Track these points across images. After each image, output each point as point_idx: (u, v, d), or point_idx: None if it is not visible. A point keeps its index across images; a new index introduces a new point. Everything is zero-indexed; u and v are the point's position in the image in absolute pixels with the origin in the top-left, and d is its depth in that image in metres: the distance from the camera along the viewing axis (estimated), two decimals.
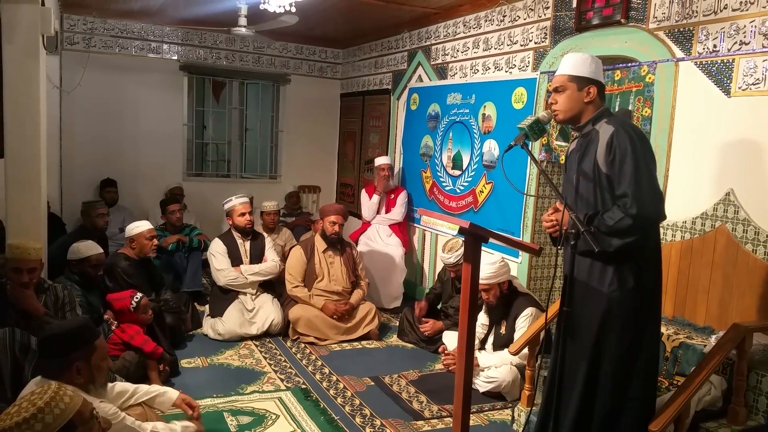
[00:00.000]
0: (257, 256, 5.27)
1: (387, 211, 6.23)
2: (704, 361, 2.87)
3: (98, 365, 2.36)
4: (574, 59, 2.70)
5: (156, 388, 2.84)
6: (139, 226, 4.71)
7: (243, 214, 5.20)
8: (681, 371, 3.26)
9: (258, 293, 5.14)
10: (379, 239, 6.12)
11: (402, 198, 6.25)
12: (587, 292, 2.63)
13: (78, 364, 2.28)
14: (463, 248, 4.65)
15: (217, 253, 5.12)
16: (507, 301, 4.09)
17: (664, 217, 2.64)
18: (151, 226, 4.80)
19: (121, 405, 2.61)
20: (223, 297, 5.04)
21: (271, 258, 5.29)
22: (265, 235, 5.57)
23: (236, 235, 5.26)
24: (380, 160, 6.31)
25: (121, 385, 2.73)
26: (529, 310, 3.99)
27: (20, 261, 3.39)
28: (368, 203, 6.24)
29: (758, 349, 3.06)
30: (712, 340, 3.11)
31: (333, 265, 5.18)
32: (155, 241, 4.74)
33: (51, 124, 5.72)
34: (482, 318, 4.21)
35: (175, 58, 7.39)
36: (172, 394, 2.86)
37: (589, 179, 2.64)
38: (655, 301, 2.68)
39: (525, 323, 3.94)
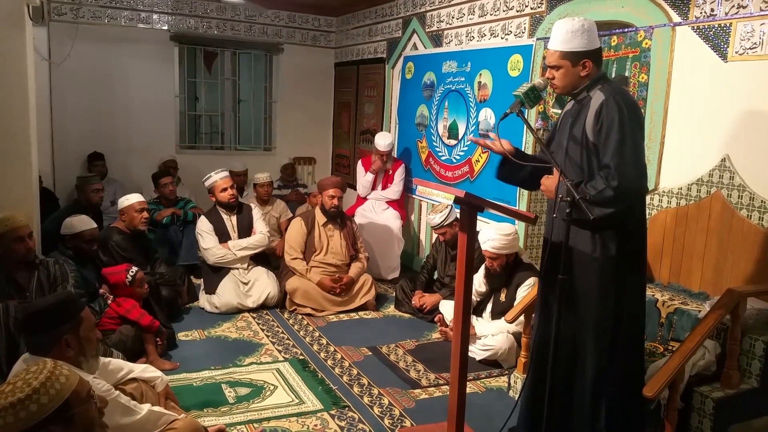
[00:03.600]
0: (246, 229, 5.21)
1: (384, 187, 6.20)
2: (698, 326, 2.91)
3: (87, 337, 2.34)
4: (563, 31, 2.66)
5: (148, 374, 2.83)
6: (129, 199, 4.70)
7: (225, 189, 5.11)
8: (676, 337, 3.30)
9: (250, 267, 5.13)
10: (375, 212, 6.12)
11: (399, 174, 6.17)
12: (570, 258, 2.65)
13: (66, 338, 2.26)
14: (448, 209, 4.68)
15: (203, 231, 5.07)
16: (510, 270, 4.12)
17: (646, 190, 2.66)
18: (142, 199, 4.77)
19: (116, 382, 2.62)
20: (214, 273, 5.03)
21: (259, 230, 5.22)
22: (253, 206, 5.49)
23: (221, 210, 5.19)
24: (382, 145, 6.03)
25: (116, 362, 2.74)
26: (531, 280, 4.02)
27: (17, 229, 3.44)
28: (362, 179, 6.18)
29: (752, 314, 3.09)
30: (707, 305, 3.14)
31: (333, 238, 5.18)
32: (145, 214, 4.71)
33: (41, 96, 5.67)
34: (480, 284, 4.22)
35: (166, 28, 7.29)
36: (160, 385, 2.87)
37: (578, 143, 2.66)
38: (637, 271, 2.72)
39: (527, 292, 3.96)
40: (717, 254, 3.40)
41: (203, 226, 5.11)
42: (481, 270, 4.23)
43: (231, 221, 5.21)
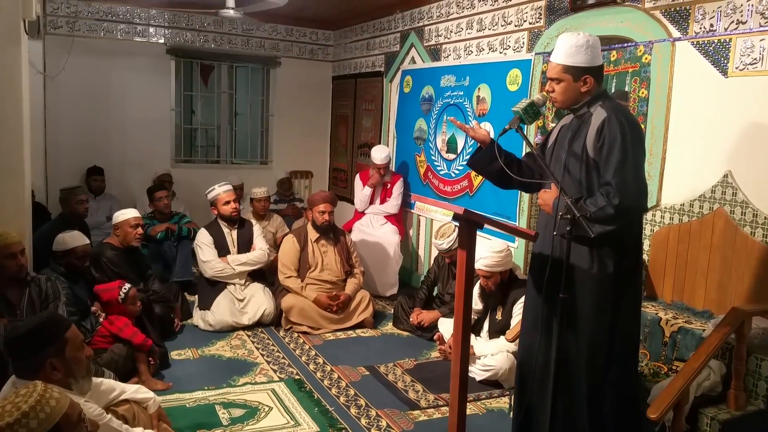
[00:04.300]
0: (245, 245, 5.20)
1: (382, 202, 6.17)
2: (703, 346, 2.88)
3: (74, 357, 2.30)
4: (567, 45, 2.66)
5: (141, 395, 2.80)
6: (125, 214, 4.68)
7: (228, 203, 5.12)
8: (680, 356, 3.27)
9: (247, 283, 5.11)
10: (373, 227, 6.10)
11: (398, 188, 6.15)
12: (568, 275, 2.64)
13: (51, 361, 2.22)
14: (455, 234, 4.66)
15: (203, 244, 5.06)
16: (505, 288, 4.10)
17: (646, 208, 2.67)
18: (138, 214, 4.74)
19: (108, 403, 2.59)
20: (210, 288, 4.99)
21: (259, 246, 5.23)
22: (254, 222, 5.51)
23: (222, 224, 5.19)
24: (379, 158, 6.00)
25: (108, 383, 2.71)
26: None
27: (9, 246, 3.41)
28: (360, 193, 6.17)
29: (757, 333, 3.07)
30: (711, 324, 3.12)
31: (326, 254, 5.16)
32: (140, 230, 4.68)
33: (35, 110, 5.66)
34: (476, 302, 4.20)
35: (162, 41, 7.31)
36: (152, 407, 2.84)
37: (578, 159, 2.67)
38: (634, 288, 2.74)
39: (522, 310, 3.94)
40: (721, 272, 3.38)
41: (203, 239, 5.10)
42: (476, 288, 4.20)
43: (231, 235, 5.20)
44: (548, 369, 2.70)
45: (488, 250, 3.99)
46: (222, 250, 5.10)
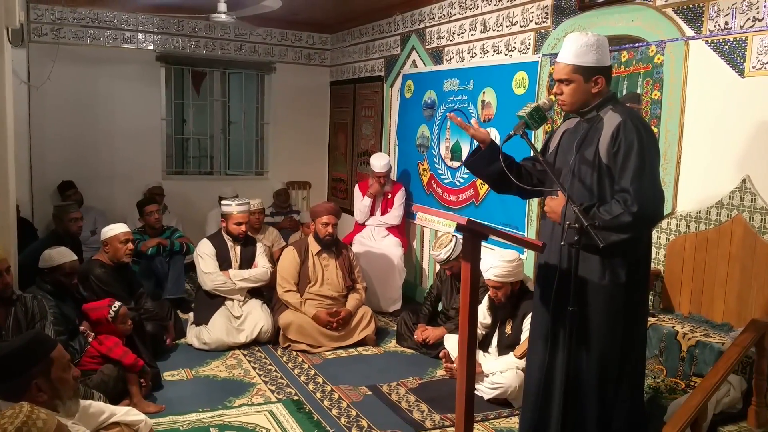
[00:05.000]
0: (248, 261, 5.26)
1: (383, 213, 6.20)
2: (722, 360, 2.89)
3: (60, 378, 2.32)
4: (577, 44, 2.69)
5: (131, 418, 2.81)
6: (114, 229, 4.72)
7: (239, 224, 5.20)
8: (698, 372, 3.27)
9: (246, 299, 5.14)
10: (374, 240, 6.12)
11: (399, 198, 6.18)
12: (578, 286, 2.66)
13: (36, 382, 2.24)
14: (452, 243, 4.68)
15: (204, 254, 5.12)
16: (515, 300, 4.10)
17: (662, 217, 2.69)
18: (127, 229, 4.78)
19: (97, 427, 2.60)
20: (208, 303, 5.03)
21: (261, 264, 5.28)
22: (257, 239, 5.56)
23: (227, 237, 5.26)
24: (378, 166, 6.05)
25: (97, 405, 2.72)
26: None
27: None
28: (360, 204, 6.19)
29: None
30: (729, 338, 3.12)
31: (328, 268, 5.17)
32: (130, 245, 4.72)
33: (19, 122, 5.71)
34: (484, 316, 4.21)
35: (151, 47, 7.37)
36: (144, 430, 2.84)
37: (589, 165, 2.69)
38: (644, 299, 2.80)
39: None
40: (740, 282, 3.39)
41: (205, 249, 5.14)
42: (485, 300, 4.22)
43: (235, 250, 5.26)
44: (557, 386, 2.71)
45: (499, 259, 3.99)
46: (224, 263, 5.16)
